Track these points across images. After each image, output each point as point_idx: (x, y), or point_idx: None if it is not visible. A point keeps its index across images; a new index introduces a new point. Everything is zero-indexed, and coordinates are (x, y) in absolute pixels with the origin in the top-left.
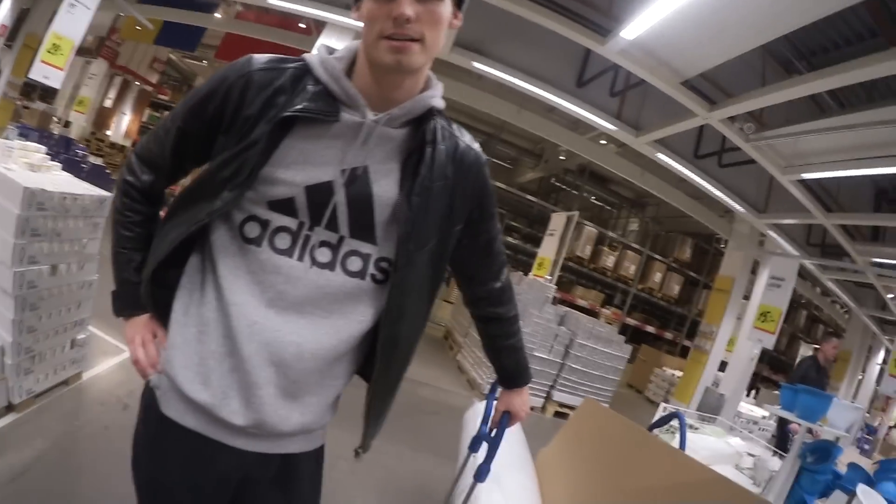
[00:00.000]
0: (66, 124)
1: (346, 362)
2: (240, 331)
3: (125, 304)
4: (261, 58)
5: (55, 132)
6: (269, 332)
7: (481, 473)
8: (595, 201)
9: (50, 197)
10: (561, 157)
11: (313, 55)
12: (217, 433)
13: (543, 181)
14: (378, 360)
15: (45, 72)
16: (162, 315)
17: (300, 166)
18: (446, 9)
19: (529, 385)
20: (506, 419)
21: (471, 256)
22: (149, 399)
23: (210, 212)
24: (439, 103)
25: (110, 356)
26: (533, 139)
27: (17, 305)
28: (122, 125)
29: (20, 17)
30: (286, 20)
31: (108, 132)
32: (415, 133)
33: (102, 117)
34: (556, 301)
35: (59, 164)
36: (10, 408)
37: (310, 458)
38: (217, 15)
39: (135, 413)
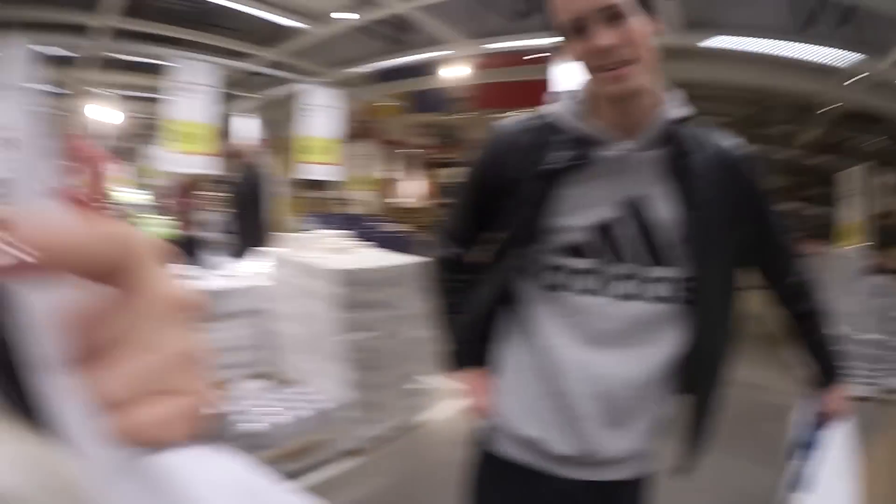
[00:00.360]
0: (354, 204)
1: (664, 385)
2: (560, 370)
3: (457, 361)
4: (511, 124)
5: (346, 212)
6: (588, 367)
7: (795, 484)
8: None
9: (363, 273)
10: (824, 110)
11: (556, 105)
12: (546, 464)
13: (821, 138)
14: (690, 378)
15: (320, 170)
16: (487, 365)
17: (579, 211)
18: (640, 22)
19: (849, 374)
20: (822, 422)
21: (762, 255)
22: (482, 439)
23: (508, 269)
24: (682, 112)
25: (441, 402)
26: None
27: (353, 367)
28: (409, 190)
29: (274, 122)
30: (522, 56)
31: (397, 200)
32: (672, 148)
33: (387, 189)
34: (872, 270)
35: (359, 240)
36: (355, 452)
37: (637, 484)
38: (456, 71)
39: (469, 451)
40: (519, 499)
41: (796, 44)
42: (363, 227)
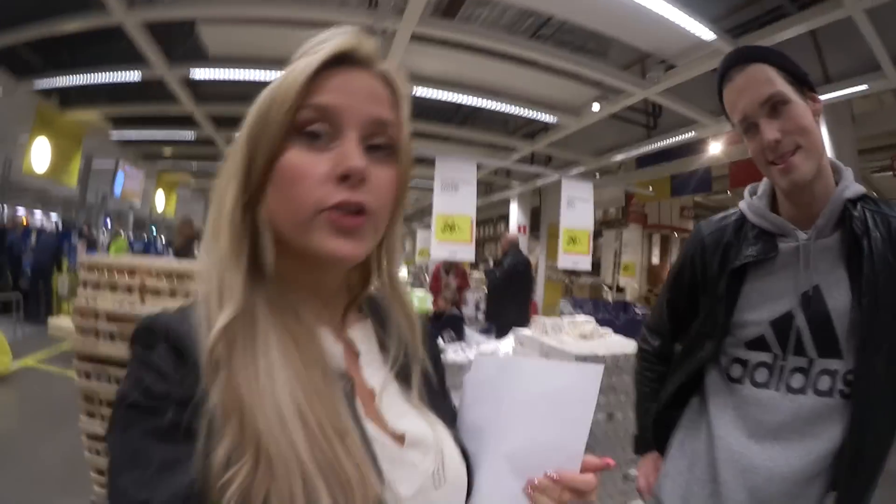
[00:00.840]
0: (619, 289)
1: (819, 482)
2: (721, 460)
3: (642, 444)
4: (709, 223)
5: (609, 299)
6: (746, 459)
7: None
8: None
9: (602, 359)
10: None
11: (742, 203)
12: None
13: None
14: (843, 474)
15: (573, 260)
16: (665, 449)
17: (763, 305)
18: (800, 107)
19: None
20: None
21: None
22: None
23: (697, 360)
24: (853, 192)
25: None
26: None
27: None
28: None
29: (534, 212)
30: None
31: (660, 286)
32: (847, 232)
33: (654, 274)
34: None
35: (609, 329)
36: None
37: None
38: (712, 150)
39: None
40: None
41: None
42: (629, 315)
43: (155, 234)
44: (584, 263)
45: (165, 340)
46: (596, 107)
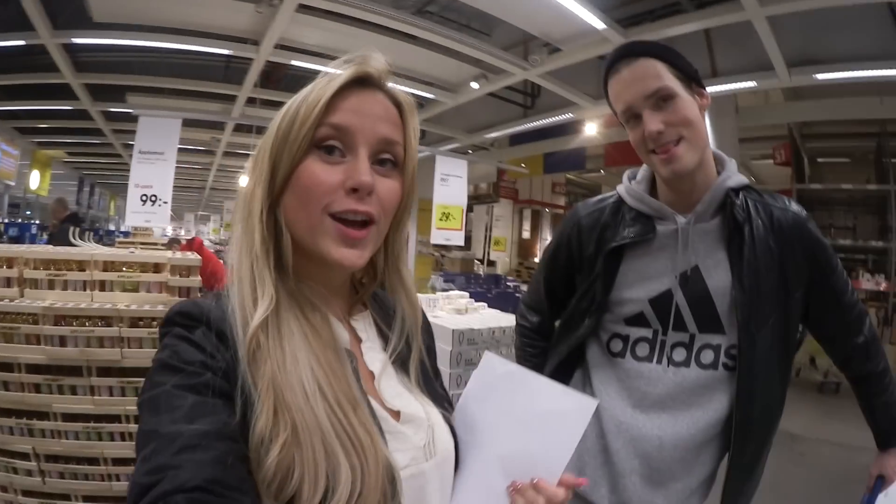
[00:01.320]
0: (491, 263)
1: (711, 448)
2: (609, 430)
3: None
4: (586, 205)
5: (480, 273)
6: (635, 429)
7: None
8: None
9: (478, 333)
10: None
11: (621, 186)
12: None
13: None
14: (733, 443)
15: (446, 235)
16: None
17: (640, 283)
18: (685, 101)
19: None
20: (879, 484)
21: (824, 317)
22: None
23: (577, 336)
24: (736, 181)
25: None
26: None
27: None
28: (542, 250)
29: None
30: None
31: (536, 259)
32: (728, 218)
33: (525, 248)
34: None
35: (484, 304)
36: None
37: None
38: (587, 131)
39: None
40: None
41: None
42: (500, 288)
43: (30, 215)
44: (458, 239)
45: (204, 324)
46: (475, 85)
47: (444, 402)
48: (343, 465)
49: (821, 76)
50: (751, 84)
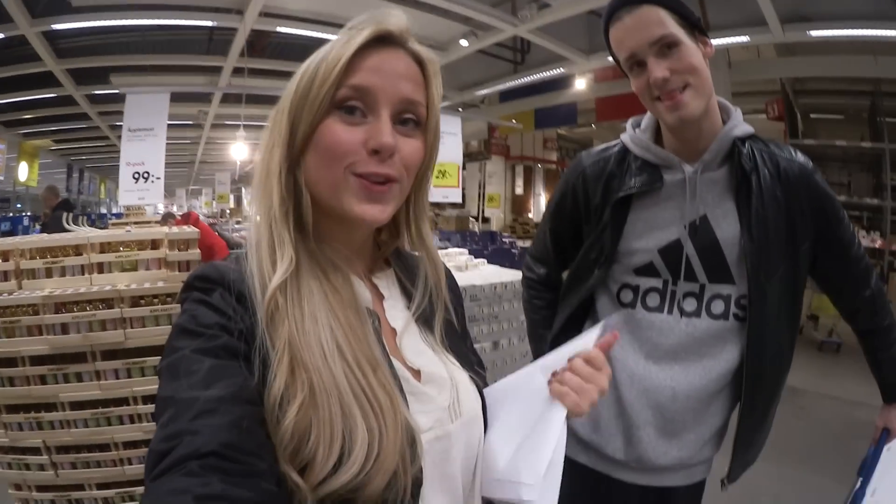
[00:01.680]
0: (485, 220)
1: (722, 398)
2: (622, 381)
3: None
4: (590, 154)
5: (476, 230)
6: (647, 380)
7: (856, 499)
8: None
9: (481, 289)
10: None
11: (625, 135)
12: (604, 467)
13: None
14: (744, 393)
15: (443, 193)
16: None
17: (650, 233)
18: (690, 49)
19: None
20: (884, 437)
21: (831, 269)
22: None
23: (587, 287)
24: (742, 131)
25: None
26: None
27: None
28: (541, 205)
29: None
30: None
31: (530, 215)
32: (735, 167)
33: (519, 204)
34: None
35: (483, 259)
36: None
37: (688, 492)
38: (578, 86)
39: None
40: (578, 497)
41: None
42: (497, 244)
43: (20, 207)
44: (455, 196)
45: (223, 286)
46: (464, 43)
47: (474, 364)
48: (360, 427)
49: (815, 33)
50: (744, 39)
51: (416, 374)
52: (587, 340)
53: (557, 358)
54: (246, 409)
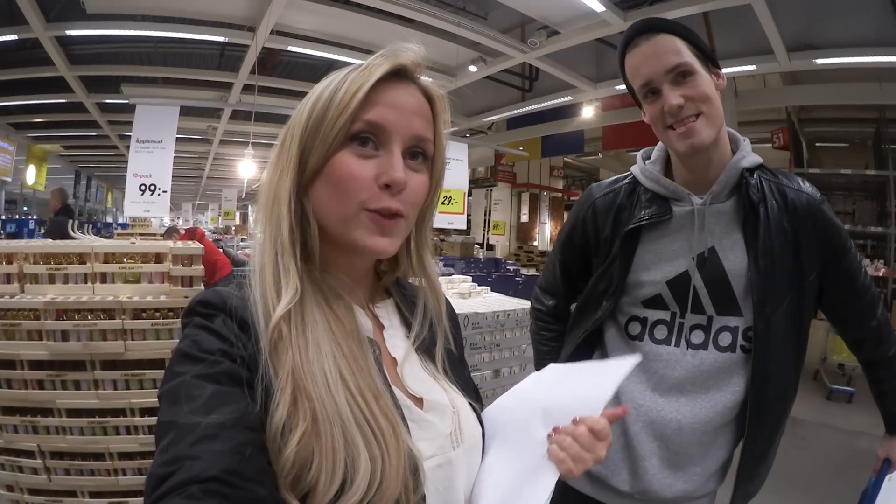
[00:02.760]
0: (490, 247)
1: (728, 431)
2: (628, 413)
3: None
4: (600, 186)
5: (480, 257)
6: (653, 412)
7: None
8: None
9: (483, 317)
10: None
11: (635, 167)
12: (609, 498)
13: None
14: (748, 425)
15: (448, 219)
16: None
17: (658, 265)
18: (704, 79)
19: None
20: (885, 468)
21: (838, 299)
22: None
23: (595, 320)
24: (751, 161)
25: None
26: None
27: None
28: (546, 233)
29: None
30: None
31: (535, 243)
32: (743, 198)
33: (524, 232)
34: None
35: (487, 287)
36: None
37: None
38: (585, 114)
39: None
40: None
41: None
42: (501, 271)
43: (27, 210)
44: (460, 222)
45: (225, 312)
46: (473, 69)
47: (472, 392)
48: (363, 455)
49: (820, 61)
50: (750, 68)
51: (418, 401)
52: (599, 395)
53: (562, 407)
54: (247, 435)
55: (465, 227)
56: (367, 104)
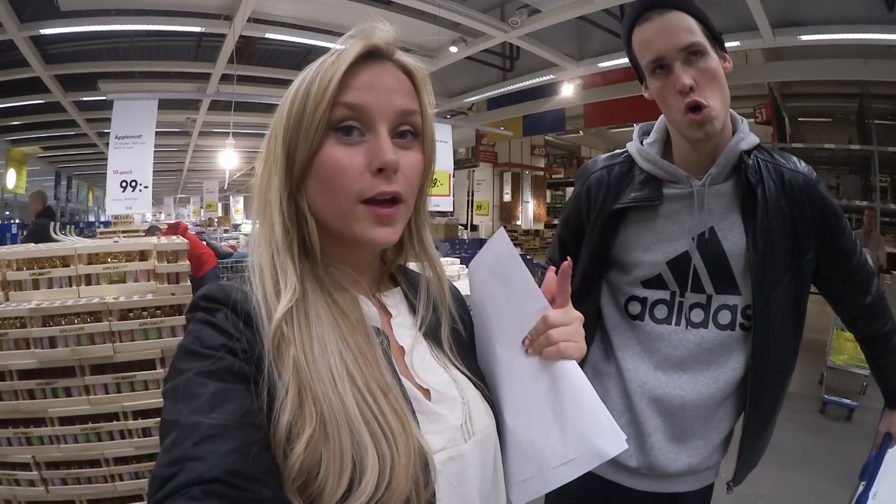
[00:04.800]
0: (474, 228)
1: (729, 405)
2: (633, 391)
3: None
4: (596, 161)
5: (465, 238)
6: (658, 389)
7: (859, 503)
8: None
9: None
10: None
11: (631, 145)
12: (614, 475)
13: None
14: (749, 400)
15: (434, 201)
16: None
17: (658, 246)
18: (714, 61)
19: None
20: (887, 442)
21: (833, 277)
22: None
23: (592, 300)
24: (749, 143)
25: None
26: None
27: None
28: (529, 212)
29: None
30: (629, 72)
31: (518, 222)
32: (741, 180)
33: (507, 211)
34: None
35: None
36: None
37: (698, 496)
38: (566, 92)
39: None
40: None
41: (886, 33)
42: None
43: (9, 215)
44: (447, 204)
45: (227, 306)
46: (454, 49)
47: (484, 381)
48: (371, 454)
49: (805, 37)
50: (734, 44)
51: (427, 393)
52: (527, 287)
53: (509, 326)
54: (250, 434)
55: (451, 208)
56: (344, 90)
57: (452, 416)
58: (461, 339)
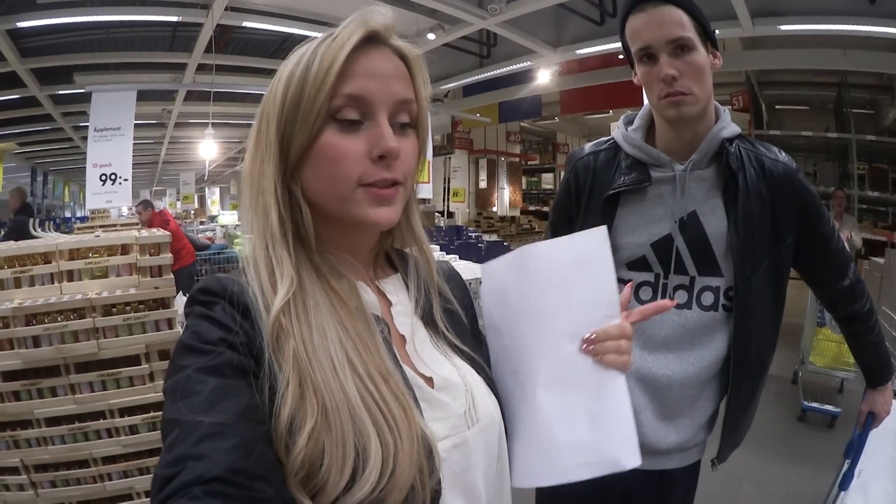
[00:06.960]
0: (450, 215)
1: (713, 385)
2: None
3: None
4: (582, 149)
5: (442, 225)
6: (644, 369)
7: (844, 481)
8: None
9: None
10: None
11: (617, 132)
12: None
13: None
14: (731, 379)
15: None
16: None
17: (641, 228)
18: (702, 56)
19: None
20: (869, 421)
21: (812, 261)
22: None
23: None
24: (730, 132)
25: None
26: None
27: None
28: (505, 198)
29: None
30: (606, 59)
31: (494, 209)
32: (723, 166)
33: (483, 198)
34: None
35: (455, 255)
36: None
37: (685, 473)
38: (542, 79)
39: None
40: (583, 487)
41: (867, 25)
42: (463, 239)
43: None
44: (426, 191)
45: (225, 299)
46: (431, 36)
47: (487, 365)
48: (373, 442)
49: (785, 27)
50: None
51: (429, 380)
52: (609, 292)
53: (573, 317)
54: (252, 430)
55: (431, 195)
56: (345, 76)
57: (456, 404)
58: (457, 319)
